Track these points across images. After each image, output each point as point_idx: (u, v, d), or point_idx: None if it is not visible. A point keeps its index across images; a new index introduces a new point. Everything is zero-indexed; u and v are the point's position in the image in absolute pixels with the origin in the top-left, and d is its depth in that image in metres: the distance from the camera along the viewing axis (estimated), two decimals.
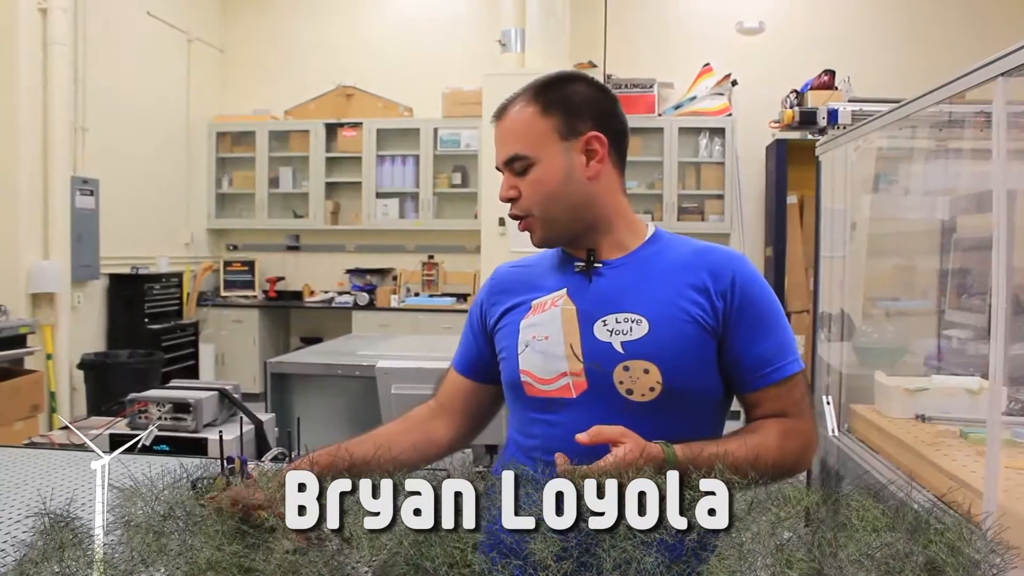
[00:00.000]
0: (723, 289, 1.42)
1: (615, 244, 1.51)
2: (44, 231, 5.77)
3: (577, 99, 1.49)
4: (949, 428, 2.32)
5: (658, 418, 1.38)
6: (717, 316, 1.41)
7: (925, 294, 3.45)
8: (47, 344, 5.78)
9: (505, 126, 1.49)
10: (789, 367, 1.42)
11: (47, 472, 1.98)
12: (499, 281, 1.63)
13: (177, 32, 7.70)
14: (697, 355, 1.41)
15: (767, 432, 1.39)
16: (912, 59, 7.21)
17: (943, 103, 2.12)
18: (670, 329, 1.40)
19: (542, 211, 1.47)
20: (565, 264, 1.54)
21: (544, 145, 1.45)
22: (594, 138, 1.47)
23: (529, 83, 1.52)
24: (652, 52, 7.75)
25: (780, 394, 1.42)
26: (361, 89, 8.00)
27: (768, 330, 1.43)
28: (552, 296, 1.50)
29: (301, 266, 8.39)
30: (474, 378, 1.62)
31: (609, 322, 1.42)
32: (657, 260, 1.49)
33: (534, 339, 1.47)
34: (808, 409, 1.46)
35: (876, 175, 3.49)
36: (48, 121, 5.74)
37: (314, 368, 3.30)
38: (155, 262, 7.27)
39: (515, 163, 1.46)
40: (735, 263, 1.46)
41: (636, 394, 1.39)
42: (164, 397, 2.36)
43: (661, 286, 1.44)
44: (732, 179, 7.42)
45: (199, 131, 8.09)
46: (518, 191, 1.47)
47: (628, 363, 1.39)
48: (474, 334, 1.65)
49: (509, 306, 1.56)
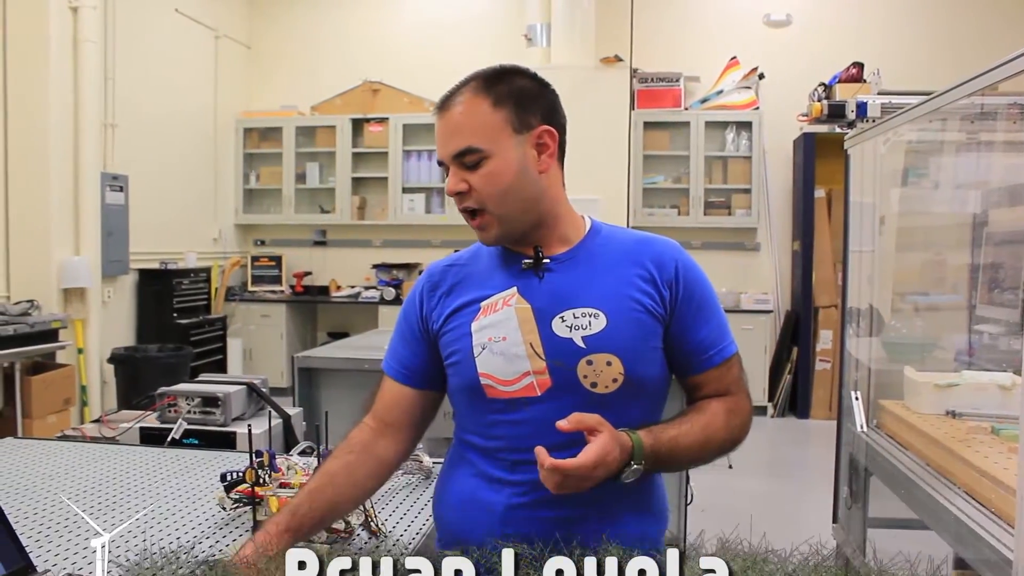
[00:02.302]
0: (668, 278, 1.45)
1: (559, 238, 1.50)
2: (75, 227, 5.84)
3: (527, 93, 1.47)
4: (980, 424, 2.30)
5: (618, 407, 1.40)
6: (664, 304, 1.45)
7: (955, 289, 3.41)
8: (78, 338, 5.85)
9: (454, 118, 1.44)
10: (728, 348, 1.48)
11: (79, 465, 2.01)
12: (436, 282, 1.57)
13: (205, 29, 7.76)
14: (650, 343, 1.44)
15: (714, 411, 1.45)
16: (942, 51, 7.13)
17: (975, 95, 2.09)
18: (626, 320, 1.42)
19: (497, 206, 1.43)
20: (509, 261, 1.50)
21: (498, 138, 1.42)
22: (545, 132, 1.46)
23: (470, 75, 1.48)
24: (678, 46, 7.71)
25: (721, 375, 1.48)
26: (387, 84, 8.02)
27: (708, 315, 1.47)
28: (502, 295, 1.47)
29: (328, 261, 8.43)
30: (416, 386, 1.56)
31: (567, 318, 1.42)
32: (602, 253, 1.49)
33: (491, 341, 1.44)
34: (744, 385, 1.52)
35: (905, 168, 3.45)
36: (79, 118, 5.80)
37: (341, 363, 3.31)
38: (183, 257, 7.33)
39: (467, 156, 1.42)
40: (676, 252, 1.49)
41: (600, 386, 1.40)
42: (193, 391, 2.38)
43: (611, 279, 1.45)
44: (759, 173, 7.38)
45: (226, 127, 8.15)
46: (468, 185, 1.43)
47: (591, 357, 1.40)
48: (415, 339, 1.58)
49: (454, 308, 1.52)
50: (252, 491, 1.51)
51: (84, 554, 1.42)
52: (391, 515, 1.65)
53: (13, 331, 4.87)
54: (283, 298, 8.05)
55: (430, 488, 1.83)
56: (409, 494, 1.80)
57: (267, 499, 1.49)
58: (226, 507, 1.57)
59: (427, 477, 1.90)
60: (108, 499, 1.73)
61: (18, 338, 4.91)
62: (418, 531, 1.57)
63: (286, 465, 1.58)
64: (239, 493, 1.53)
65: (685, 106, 7.50)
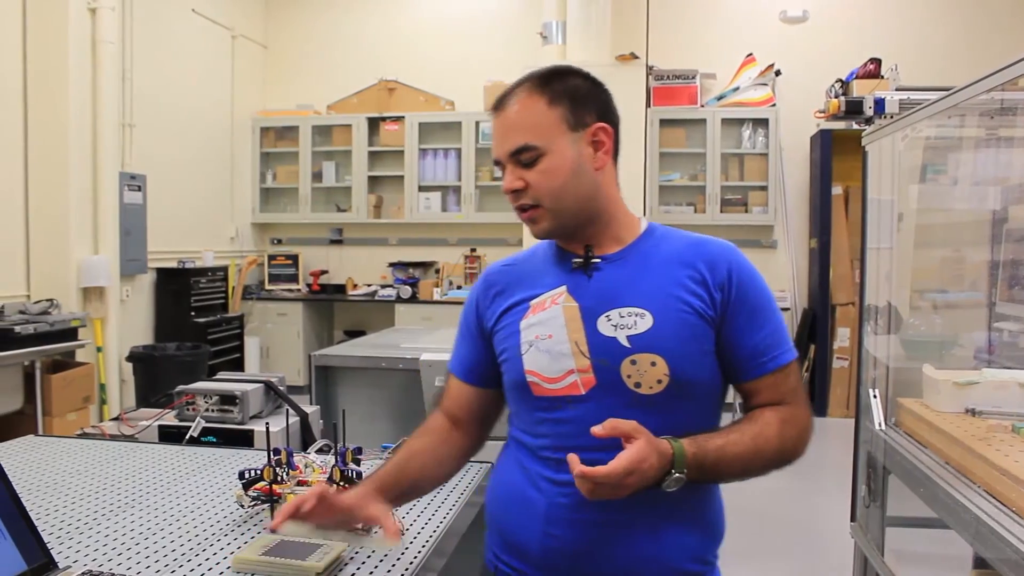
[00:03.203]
0: (721, 281, 1.43)
1: (612, 238, 1.50)
2: (94, 226, 5.88)
3: (581, 91, 1.48)
4: (1001, 422, 2.28)
5: (665, 409, 1.38)
6: (716, 307, 1.42)
7: (975, 286, 3.38)
8: (97, 337, 5.89)
9: (510, 117, 1.46)
10: (784, 356, 1.44)
11: (99, 462, 2.02)
12: (492, 282, 1.60)
13: (221, 29, 7.79)
14: (699, 346, 1.41)
15: (766, 421, 1.41)
16: (960, 45, 7.07)
17: (995, 90, 2.07)
18: (673, 321, 1.40)
19: (552, 202, 1.44)
20: (560, 260, 1.52)
21: (554, 136, 1.43)
22: (600, 129, 1.47)
23: (525, 76, 1.49)
24: (694, 43, 7.69)
25: (776, 382, 1.44)
26: (403, 83, 8.03)
27: (763, 320, 1.44)
28: (551, 294, 1.48)
29: (344, 260, 8.46)
30: (478, 384, 1.59)
31: (613, 317, 1.42)
32: (654, 253, 1.49)
33: (537, 339, 1.45)
34: (803, 396, 1.47)
35: (924, 165, 3.42)
36: (97, 118, 5.84)
37: (358, 361, 3.32)
38: (201, 256, 7.37)
39: (523, 154, 1.44)
40: (730, 255, 1.46)
41: (644, 387, 1.38)
42: (211, 389, 2.39)
43: (660, 279, 1.44)
44: (776, 170, 7.35)
45: (243, 126, 8.19)
46: (524, 182, 1.45)
47: (635, 357, 1.39)
48: (472, 339, 1.62)
49: (506, 307, 1.54)
50: (270, 489, 1.51)
51: (104, 551, 1.43)
52: (408, 513, 1.65)
53: (33, 330, 4.91)
54: (300, 296, 8.08)
55: (447, 486, 1.84)
56: None
57: (285, 497, 1.49)
58: (244, 505, 1.58)
59: None
60: (127, 496, 1.74)
61: (38, 337, 4.95)
62: (435, 529, 1.57)
63: (303, 463, 1.59)
64: (257, 491, 1.54)
65: (701, 103, 7.48)
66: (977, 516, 1.81)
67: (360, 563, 1.37)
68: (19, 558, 1.23)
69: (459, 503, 1.73)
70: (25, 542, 1.25)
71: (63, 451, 2.13)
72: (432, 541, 1.51)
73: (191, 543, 1.47)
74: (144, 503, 1.70)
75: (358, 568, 1.35)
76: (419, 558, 1.42)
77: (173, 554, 1.41)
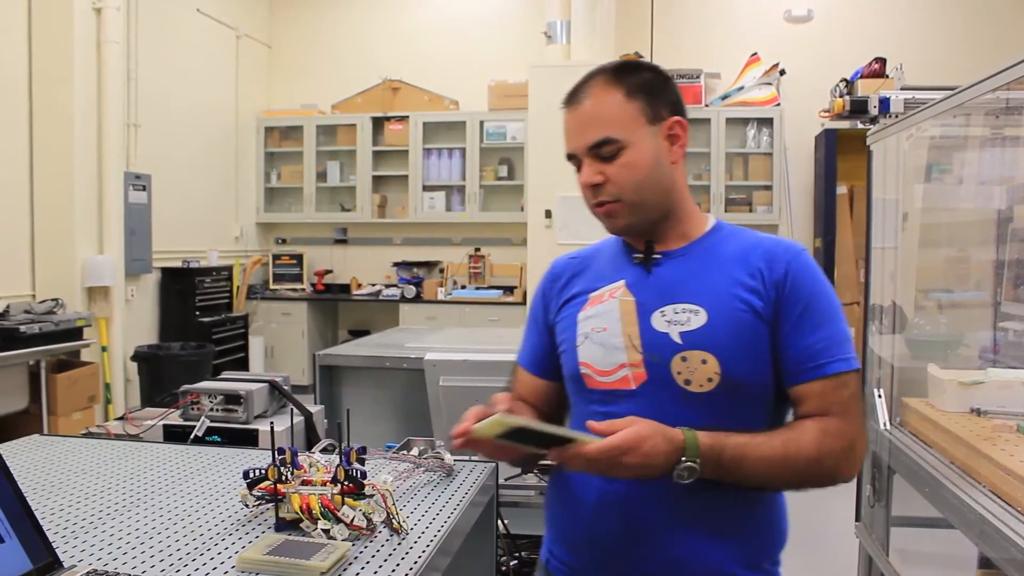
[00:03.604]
0: (777, 279, 1.39)
1: (679, 234, 1.49)
2: (99, 226, 5.89)
3: (656, 84, 1.46)
4: (1006, 422, 2.27)
5: (716, 409, 1.36)
6: (770, 305, 1.39)
7: (980, 285, 3.37)
8: (102, 336, 5.91)
9: (587, 110, 1.44)
10: (837, 364, 1.36)
11: (104, 462, 2.02)
12: (558, 273, 1.61)
13: (226, 29, 7.81)
14: (754, 346, 1.38)
15: (805, 429, 1.35)
16: (966, 45, 7.06)
17: (1000, 89, 2.07)
18: (727, 319, 1.38)
19: (633, 196, 1.43)
20: (623, 255, 1.52)
21: (633, 128, 1.42)
22: (676, 123, 1.46)
23: (597, 69, 1.48)
24: (698, 42, 7.68)
25: (825, 391, 1.36)
26: (407, 83, 8.04)
27: (819, 324, 1.38)
28: (610, 287, 1.48)
29: (349, 259, 8.46)
30: (544, 376, 1.59)
31: (667, 312, 1.40)
32: (716, 251, 1.47)
33: (592, 331, 1.45)
34: (856, 411, 1.38)
35: (929, 164, 3.41)
36: (102, 118, 5.85)
37: (362, 360, 3.32)
38: (205, 256, 7.39)
39: (604, 147, 1.42)
40: (791, 254, 1.42)
41: (694, 384, 1.37)
42: (216, 389, 2.39)
43: (719, 276, 1.42)
44: (780, 169, 7.34)
45: (247, 126, 8.20)
46: (604, 177, 1.43)
47: (686, 353, 1.37)
48: (538, 330, 1.62)
49: (567, 298, 1.55)
50: (274, 488, 1.52)
51: (109, 550, 1.43)
52: (413, 512, 1.65)
53: (38, 329, 4.93)
54: (304, 296, 8.09)
55: (451, 486, 1.84)
56: (430, 491, 1.80)
57: (289, 496, 1.50)
58: (249, 504, 1.58)
59: (448, 475, 1.91)
60: (132, 496, 1.75)
61: (43, 336, 4.96)
62: (439, 529, 1.57)
63: (308, 462, 1.59)
64: (261, 490, 1.54)
65: (705, 103, 7.46)
66: (982, 516, 1.81)
67: (364, 563, 1.38)
68: (24, 557, 1.23)
69: (463, 502, 1.73)
70: (30, 541, 1.25)
71: (68, 450, 2.13)
72: (436, 540, 1.51)
73: (196, 542, 1.47)
74: (149, 502, 1.70)
75: (363, 567, 1.36)
76: (423, 557, 1.42)
77: (178, 553, 1.42)
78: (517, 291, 7.65)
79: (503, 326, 7.23)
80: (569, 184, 6.57)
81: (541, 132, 6.58)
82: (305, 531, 1.47)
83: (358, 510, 1.48)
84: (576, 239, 6.71)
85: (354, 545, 1.43)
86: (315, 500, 1.48)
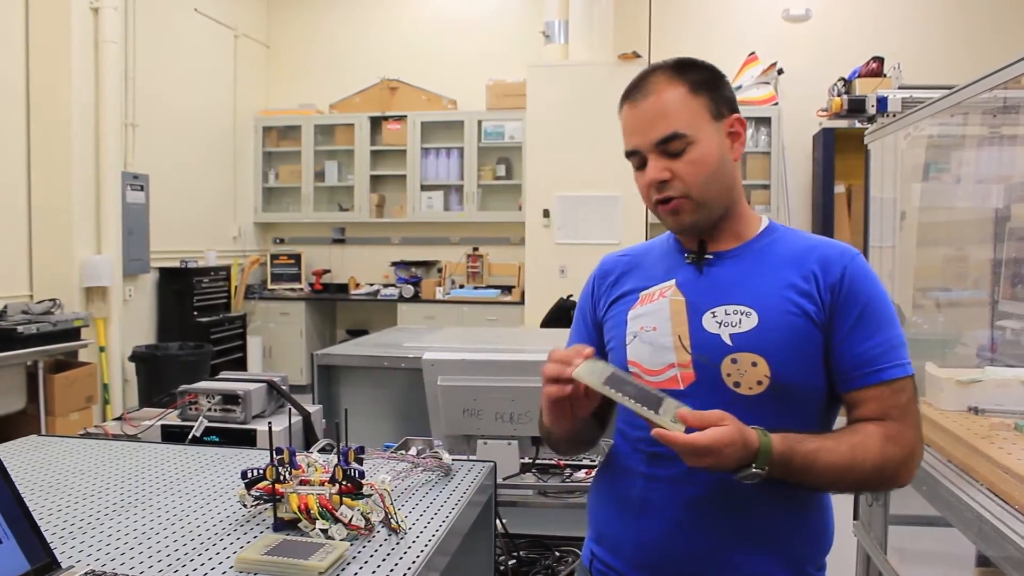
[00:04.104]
0: (832, 282, 1.38)
1: (733, 234, 1.48)
2: (96, 226, 5.89)
3: (715, 81, 1.46)
4: (1003, 421, 2.28)
5: (765, 412, 1.34)
6: (824, 309, 1.37)
7: (977, 284, 3.37)
8: (100, 337, 5.90)
9: (653, 106, 1.42)
10: (894, 370, 1.36)
11: (102, 462, 2.02)
12: (608, 270, 1.60)
13: (224, 28, 7.80)
14: (805, 349, 1.37)
15: (869, 434, 1.33)
16: (963, 44, 7.06)
17: (998, 88, 2.07)
18: (779, 322, 1.36)
19: (700, 192, 1.41)
20: (676, 254, 1.51)
21: (701, 124, 1.41)
22: (737, 120, 1.46)
23: (654, 66, 1.46)
24: (696, 42, 7.68)
25: (882, 396, 1.35)
26: (405, 82, 8.04)
27: (875, 329, 1.36)
28: (660, 287, 1.47)
29: (347, 259, 8.46)
30: None
31: (718, 314, 1.40)
32: (769, 252, 1.45)
33: (642, 330, 1.45)
34: (914, 417, 1.37)
35: (926, 163, 3.42)
36: (100, 118, 5.85)
37: (360, 360, 3.31)
38: (203, 256, 7.38)
39: (672, 143, 1.39)
40: (848, 258, 1.41)
41: (744, 387, 1.36)
42: (214, 389, 2.39)
43: (771, 278, 1.41)
44: (778, 169, 7.34)
45: (245, 126, 8.19)
46: (670, 172, 1.41)
47: (736, 355, 1.36)
48: (587, 327, 1.61)
49: (617, 295, 1.54)
50: (272, 488, 1.51)
51: (107, 551, 1.43)
52: (411, 512, 1.65)
53: (36, 329, 4.92)
54: (302, 296, 8.09)
55: (449, 485, 1.84)
56: (428, 491, 1.80)
57: (287, 496, 1.49)
58: (247, 504, 1.58)
59: (446, 474, 1.91)
60: (130, 496, 1.74)
61: (41, 336, 4.96)
62: (437, 528, 1.57)
63: (306, 462, 1.59)
64: (259, 490, 1.54)
65: None
66: (980, 514, 1.81)
67: (363, 562, 1.37)
68: (22, 558, 1.23)
69: (462, 502, 1.73)
70: (28, 542, 1.25)
71: (66, 451, 2.13)
72: (435, 540, 1.50)
73: (194, 543, 1.47)
74: (147, 503, 1.70)
75: (360, 567, 1.35)
76: (421, 557, 1.42)
77: (176, 553, 1.42)
78: (515, 290, 7.65)
79: (501, 325, 7.23)
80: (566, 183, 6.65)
81: (539, 131, 6.58)
82: (303, 531, 1.47)
83: (356, 510, 1.48)
84: (574, 239, 6.77)
85: (352, 545, 1.43)
86: (313, 500, 1.47)
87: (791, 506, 1.40)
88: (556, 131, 6.49)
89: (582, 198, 6.54)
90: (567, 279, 6.54)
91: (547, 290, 6.46)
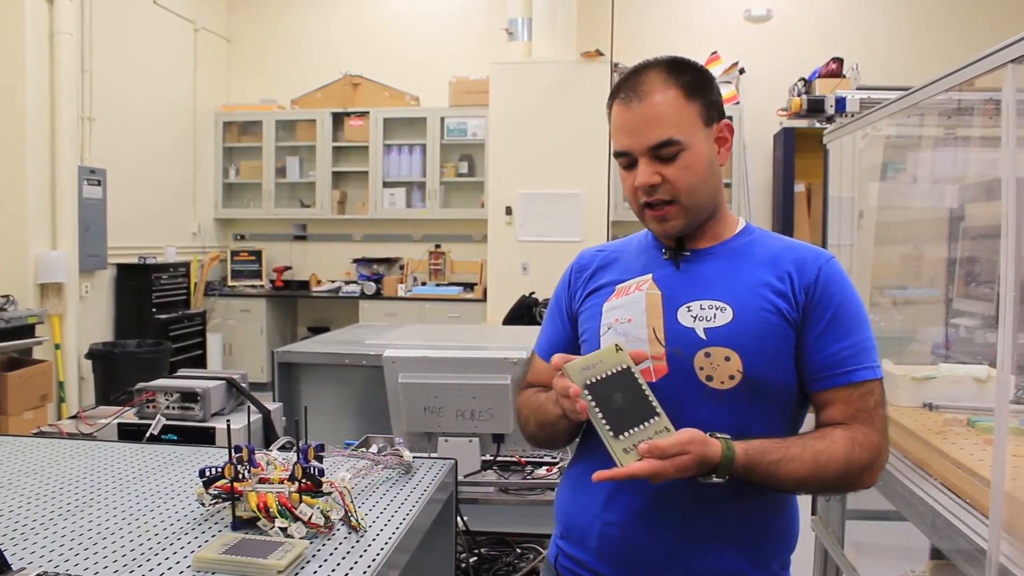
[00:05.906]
0: (807, 283, 1.41)
1: (712, 234, 1.50)
2: (52, 221, 5.79)
3: (709, 85, 1.46)
4: (956, 416, 2.32)
5: (737, 406, 1.37)
6: (798, 309, 1.40)
7: (933, 282, 3.43)
8: (55, 334, 5.81)
9: (648, 109, 1.41)
10: (863, 372, 1.39)
11: (56, 461, 1.99)
12: (584, 264, 1.62)
13: (183, 21, 7.70)
14: (778, 347, 1.39)
15: (835, 440, 1.35)
16: (921, 46, 7.18)
17: (952, 90, 2.11)
18: (754, 319, 1.38)
19: (688, 198, 1.42)
20: (653, 250, 1.53)
21: (693, 130, 1.41)
22: (726, 126, 1.47)
23: (647, 64, 1.46)
24: (659, 40, 7.71)
25: (850, 398, 1.38)
26: (368, 78, 8.00)
27: (846, 332, 1.39)
28: (637, 280, 1.49)
29: (308, 256, 8.41)
30: None
31: (693, 308, 1.41)
32: (746, 252, 1.48)
33: (616, 322, 1.46)
34: (881, 420, 1.40)
35: (884, 163, 3.47)
36: (55, 111, 5.75)
37: (321, 357, 3.29)
38: (162, 252, 7.29)
39: (665, 148, 1.40)
40: (823, 260, 1.44)
41: (716, 381, 1.37)
42: (172, 386, 2.36)
43: (747, 277, 1.43)
44: (739, 168, 7.41)
45: (206, 121, 8.10)
46: (661, 176, 1.42)
47: (709, 349, 1.38)
48: (562, 320, 1.62)
49: (593, 288, 1.55)
50: (231, 487, 1.50)
51: (61, 551, 1.41)
52: (371, 510, 1.65)
53: None
54: (263, 293, 8.02)
55: (409, 483, 1.83)
56: (389, 489, 1.79)
57: (246, 494, 1.48)
58: (205, 503, 1.56)
59: (407, 472, 1.90)
60: (85, 496, 1.72)
61: None
62: (398, 526, 1.56)
63: (265, 460, 1.58)
64: (218, 489, 1.52)
65: None
66: (933, 508, 1.84)
67: (322, 560, 1.37)
68: None
69: (422, 500, 1.72)
70: None
71: (18, 450, 2.09)
72: (395, 538, 1.50)
73: (151, 542, 1.45)
74: (102, 502, 1.67)
75: (320, 566, 1.35)
76: (382, 555, 1.41)
77: (132, 553, 1.40)
78: (477, 288, 7.65)
79: (463, 322, 7.22)
80: (529, 181, 6.65)
81: (502, 129, 6.58)
82: (262, 529, 1.45)
83: (316, 508, 1.47)
84: (537, 236, 6.77)
85: (312, 543, 1.42)
86: (272, 498, 1.46)
87: (759, 503, 1.42)
88: (519, 128, 6.50)
89: (544, 195, 6.55)
90: (529, 276, 6.55)
91: (509, 287, 6.46)
